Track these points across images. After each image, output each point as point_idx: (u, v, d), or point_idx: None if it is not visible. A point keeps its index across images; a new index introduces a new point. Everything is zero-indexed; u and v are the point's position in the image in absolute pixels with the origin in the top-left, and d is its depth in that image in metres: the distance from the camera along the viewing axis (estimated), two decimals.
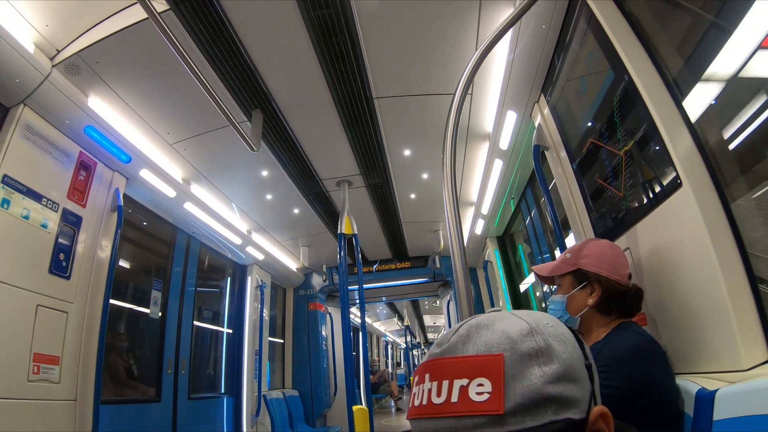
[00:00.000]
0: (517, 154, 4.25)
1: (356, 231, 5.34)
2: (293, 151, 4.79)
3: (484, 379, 0.61)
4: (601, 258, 1.84)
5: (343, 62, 3.55)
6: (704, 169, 1.71)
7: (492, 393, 0.60)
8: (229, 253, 6.76)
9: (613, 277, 1.80)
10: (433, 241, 7.86)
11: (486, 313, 0.72)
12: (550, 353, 0.63)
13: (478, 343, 0.65)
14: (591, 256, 1.85)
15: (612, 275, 1.80)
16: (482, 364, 0.62)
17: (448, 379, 0.64)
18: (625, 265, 1.87)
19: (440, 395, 0.64)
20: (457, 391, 0.62)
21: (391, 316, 19.54)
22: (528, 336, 0.64)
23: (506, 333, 0.65)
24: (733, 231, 1.62)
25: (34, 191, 3.23)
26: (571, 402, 0.62)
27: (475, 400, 0.61)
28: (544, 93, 3.29)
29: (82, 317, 3.56)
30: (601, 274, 1.81)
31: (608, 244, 1.92)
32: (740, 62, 1.60)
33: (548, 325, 0.67)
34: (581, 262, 1.86)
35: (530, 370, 0.61)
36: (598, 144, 2.41)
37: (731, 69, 1.65)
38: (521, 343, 0.63)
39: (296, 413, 7.89)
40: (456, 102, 2.18)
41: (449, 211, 2.02)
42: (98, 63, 3.39)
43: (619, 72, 2.13)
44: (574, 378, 0.63)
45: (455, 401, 0.62)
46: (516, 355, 0.62)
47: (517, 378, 0.61)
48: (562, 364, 0.63)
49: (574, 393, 0.62)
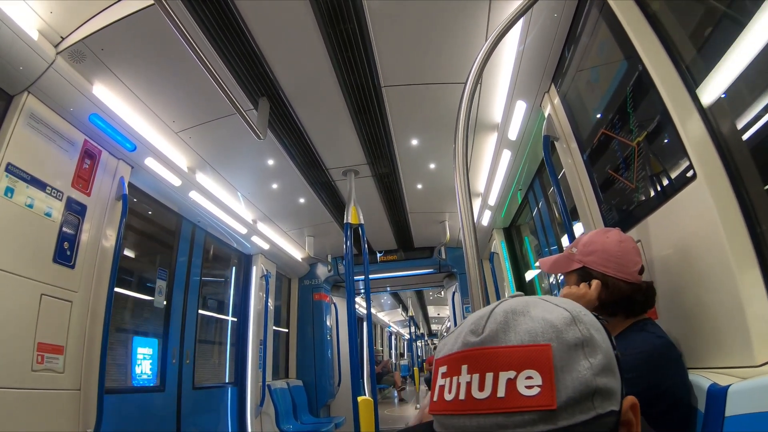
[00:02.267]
0: (525, 145, 4.21)
1: (362, 221, 5.32)
2: (300, 139, 4.77)
3: (533, 371, 0.57)
4: (608, 256, 1.74)
5: (351, 50, 3.51)
6: (719, 161, 1.67)
7: (543, 386, 0.56)
8: (234, 243, 6.76)
9: (620, 276, 1.70)
10: (439, 232, 7.82)
11: (512, 298, 0.67)
12: (594, 343, 0.60)
13: (519, 331, 0.60)
14: (597, 253, 1.76)
15: (619, 274, 1.71)
16: (530, 355, 0.58)
17: (493, 372, 0.59)
18: (635, 261, 1.77)
19: (483, 389, 0.58)
20: (504, 385, 0.57)
21: (395, 306, 19.57)
22: (571, 325, 0.61)
23: (548, 321, 0.61)
24: (747, 224, 1.58)
25: (38, 180, 3.22)
26: (613, 393, 0.60)
27: (524, 394, 0.56)
28: (555, 83, 3.25)
29: (87, 306, 3.56)
30: (608, 274, 1.71)
31: (617, 238, 1.80)
32: (756, 50, 1.56)
33: (583, 313, 0.64)
34: (587, 260, 1.77)
35: (578, 361, 0.58)
36: (610, 135, 2.37)
37: (746, 57, 1.61)
38: (566, 333, 0.60)
39: (300, 403, 7.91)
40: (467, 92, 2.15)
41: (461, 201, 1.99)
42: (103, 50, 3.36)
43: (632, 61, 2.09)
44: (613, 369, 0.62)
45: (502, 396, 0.57)
46: (563, 345, 0.59)
47: (566, 370, 0.57)
48: (605, 354, 0.60)
49: (614, 384, 0.60)
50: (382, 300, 18.06)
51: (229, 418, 6.26)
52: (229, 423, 6.24)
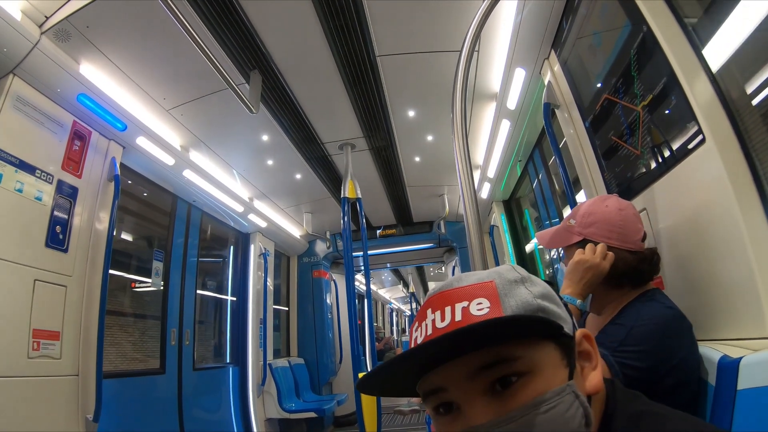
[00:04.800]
0: (525, 114, 4.13)
1: (360, 195, 5.27)
2: (294, 113, 4.69)
3: (481, 299, 0.70)
4: (610, 226, 1.65)
5: (344, 18, 3.42)
6: (728, 124, 1.61)
7: (491, 307, 0.69)
8: (231, 222, 6.70)
9: (624, 246, 1.62)
10: (438, 206, 7.77)
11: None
12: (531, 281, 0.75)
13: (470, 279, 0.74)
14: (597, 224, 1.66)
15: (623, 245, 1.62)
16: (478, 289, 0.72)
17: (450, 305, 0.71)
18: (637, 229, 1.68)
19: (444, 319, 0.70)
20: (460, 312, 0.69)
21: (396, 283, 19.65)
22: (510, 270, 0.76)
23: (493, 269, 0.77)
24: (758, 189, 1.52)
25: (27, 163, 3.15)
26: (558, 316, 0.73)
27: (476, 314, 0.68)
28: (555, 49, 3.16)
29: (82, 290, 3.51)
30: (611, 245, 1.63)
31: (617, 206, 1.70)
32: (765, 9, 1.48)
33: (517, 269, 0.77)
34: (587, 232, 1.68)
35: (519, 290, 0.72)
36: (613, 100, 2.29)
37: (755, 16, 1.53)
38: (506, 274, 0.75)
39: (302, 381, 7.93)
40: (463, 59, 2.09)
41: (461, 171, 1.93)
42: (88, 28, 3.26)
43: (636, 23, 2.01)
44: (557, 302, 0.75)
45: (459, 319, 0.69)
46: (505, 281, 0.73)
47: (509, 296, 0.71)
48: (542, 288, 0.75)
49: (559, 312, 0.74)
50: (383, 277, 18.11)
51: (231, 399, 6.27)
52: (231, 403, 6.25)
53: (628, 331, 1.46)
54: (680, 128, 1.78)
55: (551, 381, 0.67)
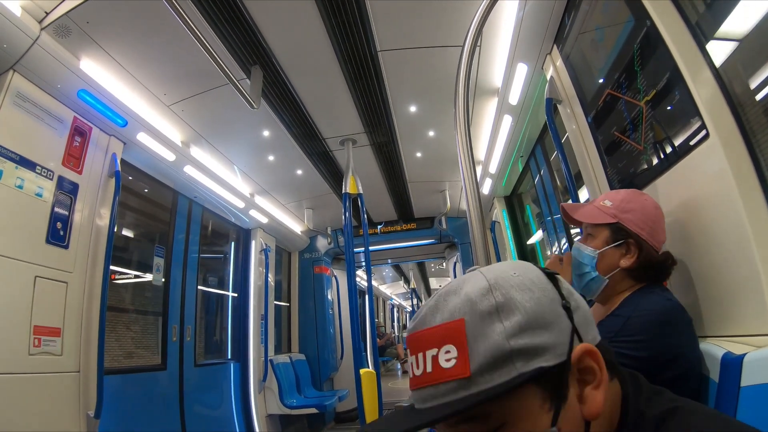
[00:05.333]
0: (527, 110, 4.11)
1: (361, 191, 5.26)
2: (295, 109, 4.67)
3: (450, 346, 0.65)
4: (646, 218, 1.64)
5: (345, 12, 3.40)
6: (732, 121, 1.60)
7: (458, 358, 0.64)
8: (232, 217, 6.69)
9: (651, 242, 1.62)
10: (439, 202, 7.76)
11: (461, 276, 0.75)
12: (510, 306, 0.65)
13: (444, 311, 0.68)
14: (635, 212, 1.65)
15: (651, 240, 1.62)
16: (446, 332, 0.66)
17: (422, 351, 0.68)
18: (663, 230, 1.69)
19: (419, 367, 0.69)
20: (430, 361, 0.67)
21: (397, 279, 19.67)
22: (486, 294, 0.67)
23: (468, 296, 0.67)
24: (762, 185, 1.52)
25: (27, 160, 3.14)
26: (540, 350, 0.64)
27: (444, 366, 0.65)
28: (557, 44, 3.14)
29: (83, 287, 3.50)
30: (642, 237, 1.61)
31: (653, 203, 1.70)
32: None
33: (513, 275, 0.69)
34: (624, 217, 1.65)
35: (491, 328, 0.64)
36: (616, 95, 2.28)
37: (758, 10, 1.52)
38: (480, 303, 0.66)
39: (303, 377, 7.94)
40: (466, 54, 2.08)
41: (464, 165, 1.93)
42: (89, 23, 3.25)
43: (639, 17, 2.00)
44: (544, 324, 0.66)
45: (430, 371, 0.66)
46: (476, 316, 0.65)
47: (479, 338, 0.64)
48: (525, 314, 0.65)
49: (543, 340, 0.65)
50: (384, 272, 18.12)
51: (233, 394, 6.27)
52: (233, 399, 6.25)
53: (624, 322, 1.47)
54: (684, 124, 1.77)
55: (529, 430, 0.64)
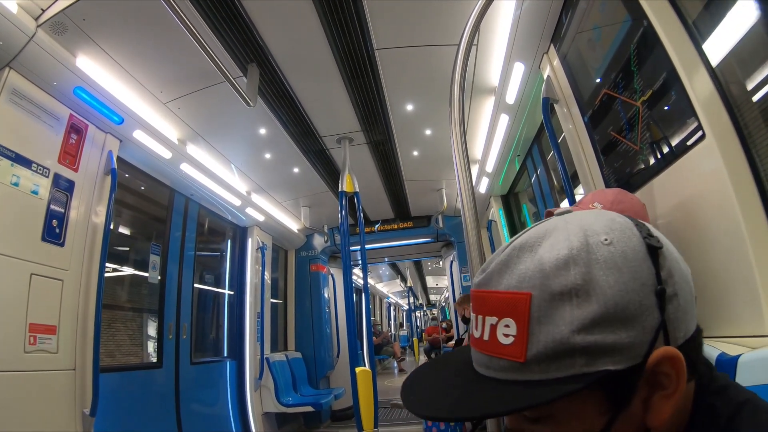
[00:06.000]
0: (524, 109, 4.12)
1: (357, 189, 5.25)
2: (291, 107, 4.66)
3: (510, 321, 0.58)
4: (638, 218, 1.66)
5: (342, 10, 3.39)
6: (728, 121, 1.61)
7: (516, 337, 0.57)
8: (229, 215, 6.67)
9: None
10: (435, 201, 7.76)
11: (547, 221, 0.64)
12: (589, 290, 0.54)
13: (513, 274, 0.60)
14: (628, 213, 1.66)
15: None
16: (510, 303, 0.59)
17: (482, 315, 0.62)
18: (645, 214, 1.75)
19: (477, 329, 0.63)
20: (488, 330, 0.61)
21: (393, 277, 19.68)
22: (563, 269, 0.56)
23: (541, 263, 0.57)
24: (758, 186, 1.52)
25: (23, 157, 3.12)
26: (611, 350, 0.54)
27: (501, 342, 0.59)
28: (554, 43, 3.14)
29: (78, 284, 3.49)
30: None
31: (640, 202, 1.73)
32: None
33: (604, 242, 0.57)
34: None
35: (559, 313, 0.55)
36: (613, 95, 2.29)
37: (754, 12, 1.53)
38: (553, 279, 0.56)
39: (299, 375, 7.94)
40: (461, 53, 2.07)
41: (459, 165, 1.92)
42: (85, 20, 3.23)
43: (637, 18, 2.01)
44: (624, 318, 0.54)
45: (487, 339, 0.61)
46: (545, 294, 0.56)
47: (543, 322, 0.56)
48: (604, 303, 0.54)
49: (618, 338, 0.54)
50: (381, 271, 18.13)
51: (229, 393, 6.26)
52: (229, 397, 6.24)
53: None
54: (680, 124, 1.78)
55: (576, 430, 0.58)
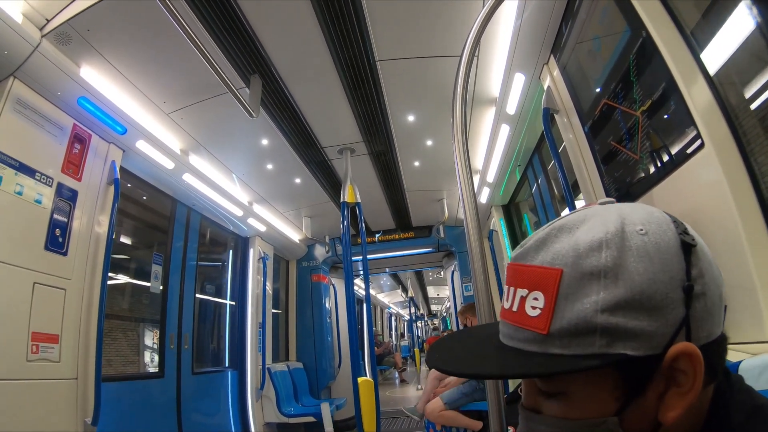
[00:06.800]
0: (524, 119, 4.13)
1: (359, 200, 5.26)
2: (294, 118, 4.68)
3: (539, 293, 0.60)
4: None
5: (344, 24, 3.42)
6: (727, 130, 1.63)
7: (543, 310, 0.59)
8: (231, 225, 6.69)
9: None
10: (437, 211, 7.76)
11: (589, 208, 0.65)
12: (617, 274, 0.56)
13: (549, 251, 0.61)
14: None
15: None
16: (541, 277, 0.60)
17: (515, 287, 0.64)
18: None
19: (508, 300, 0.65)
20: (518, 302, 0.63)
21: (395, 287, 19.64)
22: (596, 250, 0.57)
23: (576, 243, 0.59)
24: (757, 194, 1.53)
25: (27, 166, 3.14)
26: (632, 335, 0.55)
27: (528, 313, 0.61)
28: (554, 54, 3.17)
29: (81, 294, 3.50)
30: None
31: None
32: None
33: (639, 231, 0.58)
34: None
35: (586, 291, 0.56)
36: (613, 105, 2.31)
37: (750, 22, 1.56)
38: (585, 258, 0.58)
39: (301, 386, 7.92)
40: (463, 64, 2.09)
41: (461, 175, 1.93)
42: (89, 31, 3.26)
43: (635, 28, 2.03)
44: (648, 307, 0.55)
45: (515, 310, 0.63)
46: (576, 272, 0.58)
47: (570, 299, 0.57)
48: (631, 289, 0.55)
49: (640, 325, 0.54)
50: (382, 281, 18.11)
51: (230, 403, 6.26)
52: (230, 407, 6.24)
53: None
54: (679, 133, 1.79)
55: (587, 410, 0.59)
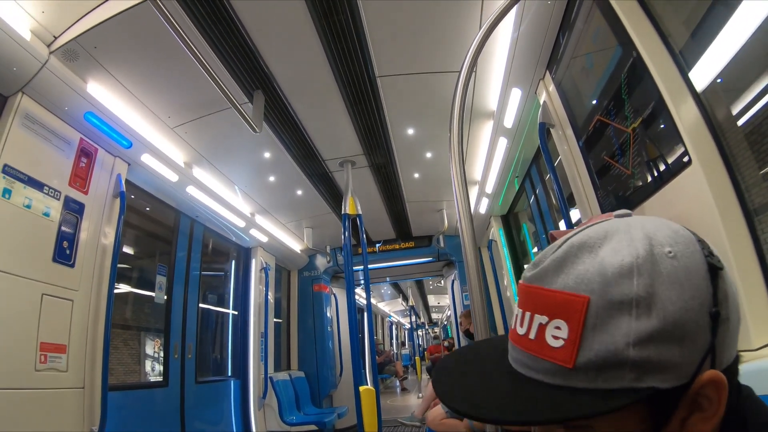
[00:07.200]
0: (521, 132, 4.20)
1: (360, 211, 5.31)
2: (296, 131, 4.75)
3: (562, 322, 0.55)
4: None
5: (345, 41, 3.50)
6: (714, 147, 1.69)
7: (567, 341, 0.54)
8: (233, 236, 6.75)
9: None
10: (437, 221, 7.82)
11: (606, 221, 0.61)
12: (650, 304, 0.51)
13: (570, 273, 0.56)
14: None
15: None
16: (565, 304, 0.55)
17: (531, 312, 0.59)
18: None
19: (523, 325, 0.60)
20: (536, 329, 0.57)
21: (395, 296, 19.59)
22: (626, 277, 0.52)
23: (603, 267, 0.54)
24: (742, 209, 1.60)
25: (35, 180, 3.21)
26: (662, 367, 0.51)
27: (550, 343, 0.55)
28: (550, 70, 3.24)
29: (88, 304, 3.56)
30: None
31: None
32: (746, 35, 1.57)
33: (668, 255, 0.53)
34: None
35: (616, 322, 0.51)
36: (605, 121, 2.37)
37: (737, 42, 1.61)
38: (615, 286, 0.52)
39: (303, 394, 7.94)
40: (462, 81, 2.14)
41: (458, 190, 1.98)
42: (96, 48, 3.34)
43: (626, 48, 2.10)
44: (679, 337, 0.51)
45: (533, 338, 0.58)
46: (604, 300, 0.52)
47: (598, 330, 0.52)
48: (664, 319, 0.50)
49: (671, 356, 0.51)
50: (383, 290, 18.08)
51: (233, 412, 6.29)
52: (233, 416, 6.27)
53: None
54: (668, 149, 1.86)
55: None
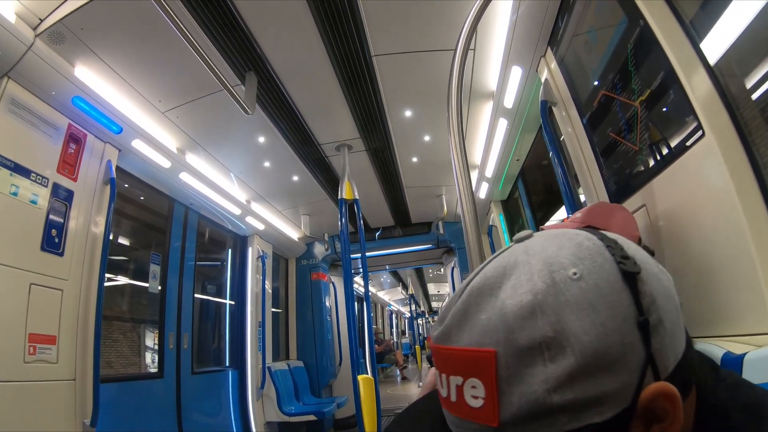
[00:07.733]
0: (522, 113, 4.11)
1: (357, 196, 5.23)
2: (290, 115, 4.66)
3: (477, 381, 0.51)
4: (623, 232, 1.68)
5: (340, 19, 3.39)
6: (727, 117, 1.60)
7: (485, 399, 0.51)
8: (229, 224, 6.68)
9: None
10: (436, 207, 7.75)
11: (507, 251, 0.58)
12: (561, 342, 0.48)
13: (474, 327, 0.53)
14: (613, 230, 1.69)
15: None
16: (473, 362, 0.52)
17: (446, 374, 0.56)
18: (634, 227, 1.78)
19: (443, 388, 0.57)
20: (454, 390, 0.54)
21: (395, 285, 19.67)
22: (528, 319, 0.49)
23: (503, 312, 0.51)
24: (759, 182, 1.51)
25: (22, 167, 3.13)
26: (595, 402, 0.47)
27: (470, 404, 0.52)
28: (551, 46, 3.14)
29: (78, 294, 3.48)
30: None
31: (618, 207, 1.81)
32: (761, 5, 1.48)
33: (572, 278, 0.50)
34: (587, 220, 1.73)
35: (531, 371, 0.48)
36: (611, 96, 2.28)
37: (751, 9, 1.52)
38: (519, 331, 0.49)
39: (302, 384, 7.92)
40: (458, 57, 2.07)
41: (458, 170, 1.91)
42: (83, 30, 3.23)
43: (633, 18, 2.00)
44: (605, 365, 0.47)
45: (454, 401, 0.54)
46: (512, 350, 0.49)
47: (514, 382, 0.49)
48: (581, 354, 0.47)
49: (602, 388, 0.47)
50: (382, 279, 18.11)
51: (231, 402, 6.25)
52: (231, 407, 6.23)
53: None
54: (679, 123, 1.77)
55: None
